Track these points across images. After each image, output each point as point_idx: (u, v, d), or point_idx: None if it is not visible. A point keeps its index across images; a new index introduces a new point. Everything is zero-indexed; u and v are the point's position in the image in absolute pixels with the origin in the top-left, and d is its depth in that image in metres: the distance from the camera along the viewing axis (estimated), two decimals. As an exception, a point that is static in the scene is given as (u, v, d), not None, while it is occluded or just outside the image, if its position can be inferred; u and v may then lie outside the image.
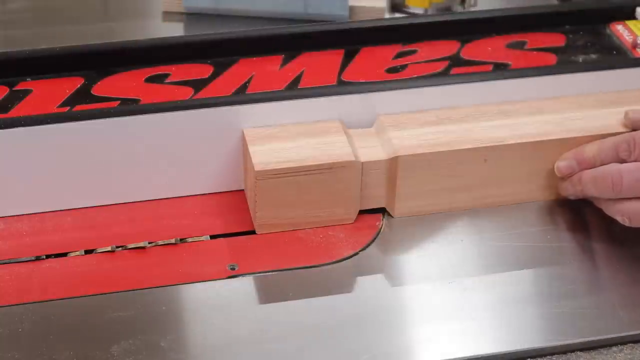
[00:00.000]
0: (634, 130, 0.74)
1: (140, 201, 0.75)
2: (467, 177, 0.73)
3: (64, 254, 0.70)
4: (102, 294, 0.67)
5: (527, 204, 0.75)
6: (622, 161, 0.71)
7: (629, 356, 0.64)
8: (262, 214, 0.71)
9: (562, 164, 0.73)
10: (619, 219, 0.70)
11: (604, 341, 0.65)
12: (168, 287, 0.68)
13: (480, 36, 0.82)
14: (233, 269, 0.69)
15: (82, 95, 0.74)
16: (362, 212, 0.74)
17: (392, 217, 0.74)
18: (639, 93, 0.78)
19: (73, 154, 0.71)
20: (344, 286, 0.69)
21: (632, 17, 0.85)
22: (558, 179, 0.74)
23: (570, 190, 0.74)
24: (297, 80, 0.76)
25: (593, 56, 0.81)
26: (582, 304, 0.67)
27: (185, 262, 0.70)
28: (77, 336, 0.64)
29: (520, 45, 0.82)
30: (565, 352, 0.65)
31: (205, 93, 0.75)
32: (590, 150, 0.72)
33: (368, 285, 0.69)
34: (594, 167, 0.72)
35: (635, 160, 0.70)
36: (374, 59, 0.79)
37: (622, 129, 0.74)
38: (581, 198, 0.74)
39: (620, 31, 0.84)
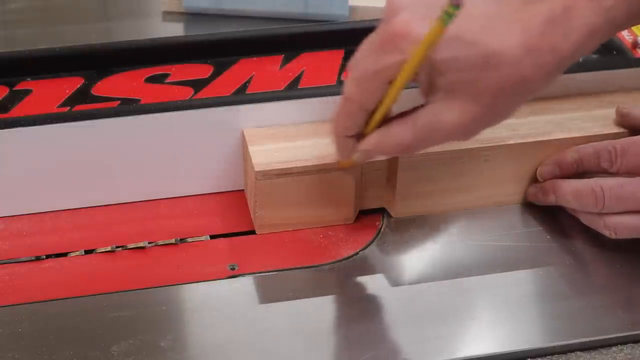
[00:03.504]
0: (626, 125, 0.74)
1: (140, 201, 0.75)
2: (467, 177, 0.73)
3: (64, 254, 0.71)
4: (102, 294, 0.67)
5: (527, 204, 0.75)
6: (604, 170, 0.71)
7: (629, 356, 0.64)
8: (262, 214, 0.71)
9: (545, 169, 0.73)
10: (604, 232, 0.70)
11: (604, 341, 0.65)
12: (168, 287, 0.68)
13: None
14: (233, 269, 0.69)
15: (82, 95, 0.74)
16: (362, 212, 0.74)
17: (392, 217, 0.74)
18: (639, 93, 0.78)
19: (73, 154, 0.71)
20: (344, 286, 0.69)
21: (632, 17, 0.85)
22: (526, 183, 0.74)
23: (540, 197, 0.74)
24: (297, 80, 0.76)
25: (593, 56, 0.81)
26: (581, 304, 0.67)
27: (185, 262, 0.70)
28: (77, 336, 0.64)
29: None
30: (565, 352, 0.64)
31: (205, 93, 0.75)
32: (572, 156, 0.72)
33: (368, 285, 0.69)
34: (576, 172, 0.72)
35: (617, 171, 0.70)
36: (374, 59, 0.79)
37: (621, 129, 0.74)
38: (550, 205, 0.73)
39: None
